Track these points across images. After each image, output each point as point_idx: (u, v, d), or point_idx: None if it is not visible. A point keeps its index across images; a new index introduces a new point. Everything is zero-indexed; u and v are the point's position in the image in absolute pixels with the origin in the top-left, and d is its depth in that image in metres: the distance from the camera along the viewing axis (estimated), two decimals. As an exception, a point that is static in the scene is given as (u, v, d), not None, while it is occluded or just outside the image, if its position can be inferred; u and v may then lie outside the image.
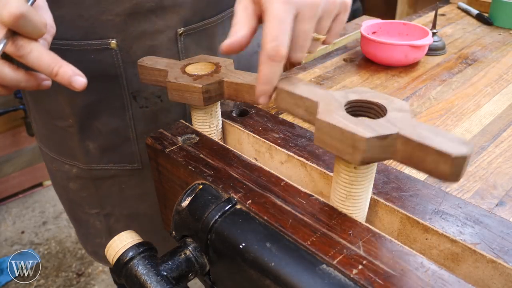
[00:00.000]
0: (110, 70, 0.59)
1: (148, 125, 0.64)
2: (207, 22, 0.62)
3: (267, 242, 0.34)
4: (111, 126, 0.64)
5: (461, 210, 0.37)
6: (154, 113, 0.64)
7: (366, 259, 0.31)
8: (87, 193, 0.71)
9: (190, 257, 0.40)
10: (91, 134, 0.64)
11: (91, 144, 0.65)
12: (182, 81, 0.45)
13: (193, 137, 0.48)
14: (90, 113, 0.63)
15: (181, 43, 0.60)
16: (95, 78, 0.58)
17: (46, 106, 0.65)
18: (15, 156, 1.94)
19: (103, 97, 0.61)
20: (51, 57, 0.39)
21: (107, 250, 0.41)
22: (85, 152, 0.66)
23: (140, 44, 0.58)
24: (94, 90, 0.60)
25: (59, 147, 0.69)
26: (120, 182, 0.69)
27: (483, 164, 0.46)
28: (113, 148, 0.66)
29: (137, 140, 0.65)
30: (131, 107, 0.62)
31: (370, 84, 0.65)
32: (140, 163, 0.67)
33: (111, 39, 0.57)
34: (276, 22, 0.34)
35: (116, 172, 0.68)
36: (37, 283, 1.59)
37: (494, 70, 0.69)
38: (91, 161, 0.67)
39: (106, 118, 0.63)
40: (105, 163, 0.67)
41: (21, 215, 1.91)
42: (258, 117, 0.53)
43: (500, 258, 0.33)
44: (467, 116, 0.56)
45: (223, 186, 0.40)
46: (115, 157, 0.66)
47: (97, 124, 0.64)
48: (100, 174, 0.68)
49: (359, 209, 0.36)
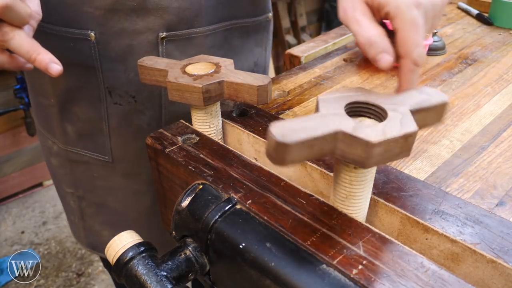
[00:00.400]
0: (88, 62, 0.60)
1: (120, 122, 0.65)
2: (195, 31, 0.61)
3: (267, 242, 0.34)
4: (87, 114, 0.65)
5: (461, 210, 0.37)
6: (127, 112, 0.64)
7: (366, 259, 0.31)
8: (64, 172, 0.74)
9: (190, 257, 0.40)
10: (70, 117, 0.67)
11: (69, 127, 0.68)
12: (182, 81, 0.45)
13: (193, 137, 0.48)
14: (70, 97, 0.65)
15: (162, 48, 0.60)
16: (74, 65, 0.61)
17: (34, 82, 0.69)
18: (15, 156, 1.94)
19: (82, 85, 0.63)
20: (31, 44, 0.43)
21: (107, 250, 0.41)
22: (64, 133, 0.69)
23: (119, 41, 0.59)
24: (74, 77, 0.62)
25: (43, 122, 0.73)
26: (92, 170, 0.71)
27: (483, 164, 0.46)
28: (88, 136, 0.68)
29: (110, 134, 0.66)
30: (106, 101, 0.63)
31: (370, 84, 0.65)
32: (110, 156, 0.68)
33: (90, 31, 0.58)
34: (416, 28, 0.34)
35: (89, 159, 0.70)
36: (37, 283, 1.59)
37: (494, 70, 0.69)
38: (68, 143, 0.70)
39: (84, 105, 0.65)
40: (81, 148, 0.69)
41: (21, 215, 1.91)
42: (258, 117, 0.53)
43: (500, 258, 0.33)
44: (467, 116, 0.56)
45: (223, 186, 0.40)
46: (89, 145, 0.68)
47: (76, 109, 0.66)
48: (75, 157, 0.70)
49: (359, 209, 0.36)
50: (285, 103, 0.60)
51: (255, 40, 0.74)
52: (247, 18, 0.69)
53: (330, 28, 2.55)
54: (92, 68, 0.61)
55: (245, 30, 0.70)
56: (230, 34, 0.67)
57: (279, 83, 0.66)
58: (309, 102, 0.60)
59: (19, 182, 1.98)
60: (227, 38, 0.67)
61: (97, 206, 0.74)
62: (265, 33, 0.76)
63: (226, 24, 0.65)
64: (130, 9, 0.56)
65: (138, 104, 0.64)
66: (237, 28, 0.68)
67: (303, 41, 2.46)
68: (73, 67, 0.61)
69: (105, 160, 0.69)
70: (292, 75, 0.68)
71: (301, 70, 0.70)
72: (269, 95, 0.46)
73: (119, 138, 0.66)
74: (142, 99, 0.63)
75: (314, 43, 0.83)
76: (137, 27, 0.58)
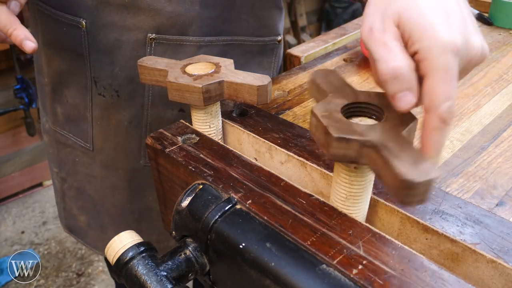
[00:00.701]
0: (78, 49, 0.62)
1: (103, 114, 0.66)
2: (187, 39, 0.60)
3: (267, 242, 0.34)
4: (75, 100, 0.67)
5: (461, 210, 0.37)
6: (109, 104, 0.65)
7: (366, 259, 0.31)
8: (52, 151, 0.76)
9: (190, 257, 0.40)
10: (60, 99, 0.69)
11: (59, 108, 0.70)
12: (182, 81, 0.45)
13: (193, 137, 0.48)
14: (61, 80, 0.67)
15: (150, 49, 0.60)
16: (67, 50, 0.63)
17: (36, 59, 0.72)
18: (15, 156, 1.94)
19: (72, 71, 0.65)
20: (9, 20, 0.45)
21: (107, 250, 0.41)
22: (54, 114, 0.71)
23: (107, 34, 0.59)
24: (66, 61, 0.64)
25: (41, 100, 0.75)
26: (75, 155, 0.72)
27: (483, 164, 0.46)
28: (73, 121, 0.69)
29: (92, 123, 0.67)
30: (91, 90, 0.64)
31: (370, 84, 0.65)
32: (91, 145, 0.69)
33: (82, 19, 0.59)
34: (448, 77, 0.28)
35: (73, 143, 0.71)
36: (37, 283, 1.59)
37: (494, 70, 0.69)
38: (57, 124, 0.71)
39: (73, 90, 0.66)
40: (67, 132, 0.71)
41: (21, 215, 1.91)
42: (258, 117, 0.53)
43: (500, 258, 0.33)
44: (467, 116, 0.56)
45: (223, 186, 0.40)
46: (74, 130, 0.70)
47: (66, 93, 0.67)
48: (61, 139, 0.72)
49: (359, 209, 0.36)
50: (285, 103, 0.60)
51: (260, 63, 0.71)
52: (250, 36, 0.66)
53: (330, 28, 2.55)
54: (82, 56, 0.62)
55: (248, 49, 0.68)
56: (231, 51, 0.66)
57: (279, 83, 0.66)
58: (309, 102, 0.60)
59: (19, 182, 1.98)
60: (226, 54, 0.65)
61: (76, 190, 0.76)
62: (273, 57, 0.72)
63: (225, 38, 0.63)
64: (121, 4, 0.57)
65: (120, 99, 0.64)
66: (238, 45, 0.66)
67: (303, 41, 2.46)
68: (65, 51, 0.63)
69: (87, 148, 0.70)
70: (292, 75, 0.68)
71: (301, 70, 0.70)
72: (269, 95, 0.46)
73: (100, 128, 0.67)
74: (125, 96, 0.63)
75: (314, 43, 0.83)
76: (126, 23, 0.58)
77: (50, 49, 0.65)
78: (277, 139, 0.48)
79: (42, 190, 2.05)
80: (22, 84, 1.79)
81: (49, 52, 0.65)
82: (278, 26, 0.71)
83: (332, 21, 2.79)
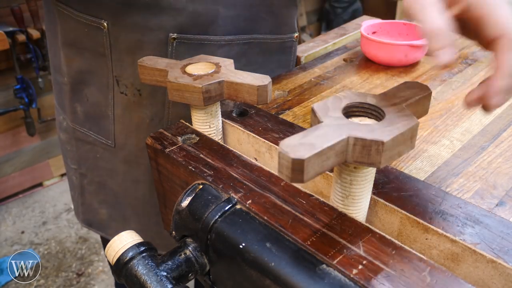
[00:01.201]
0: (100, 49, 0.62)
1: (125, 112, 0.66)
2: (208, 38, 0.61)
3: (267, 242, 0.34)
4: (96, 98, 0.67)
5: (461, 210, 0.37)
6: (131, 103, 0.65)
7: (366, 259, 0.31)
8: (70, 148, 0.76)
9: (190, 257, 0.40)
10: (80, 98, 0.68)
11: (78, 107, 0.69)
12: (182, 81, 0.45)
13: (193, 137, 0.48)
14: (82, 79, 0.67)
15: (172, 48, 0.60)
16: (88, 50, 0.63)
17: (53, 59, 0.72)
18: (15, 156, 1.94)
19: (94, 70, 0.65)
20: None
21: (107, 250, 0.41)
22: (73, 112, 0.71)
23: (129, 35, 0.59)
24: (87, 60, 0.64)
25: (58, 98, 0.75)
26: (96, 151, 0.72)
27: (483, 164, 0.46)
28: (94, 118, 0.69)
29: (114, 120, 0.67)
30: (113, 89, 0.65)
31: (370, 84, 0.65)
32: (113, 142, 0.69)
33: (103, 20, 0.59)
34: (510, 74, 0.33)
35: (93, 140, 0.71)
36: (37, 283, 1.59)
37: (494, 70, 0.69)
38: (76, 122, 0.71)
39: (94, 89, 0.66)
40: (87, 129, 0.71)
41: (21, 215, 1.91)
42: (258, 117, 0.53)
43: (500, 258, 0.33)
44: (467, 116, 0.56)
45: (223, 186, 0.40)
46: (95, 127, 0.70)
47: (86, 91, 0.67)
48: (81, 136, 0.72)
49: (359, 209, 0.36)
50: (285, 103, 0.60)
51: (279, 61, 0.72)
52: (269, 34, 0.67)
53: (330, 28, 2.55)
54: (103, 56, 0.62)
55: (267, 47, 0.68)
56: (250, 49, 0.66)
57: (279, 83, 0.66)
58: (309, 102, 0.60)
59: (19, 182, 1.98)
60: (246, 53, 0.66)
61: (97, 185, 0.76)
62: (291, 55, 0.73)
63: (245, 37, 0.64)
64: (144, 5, 0.57)
65: (142, 98, 0.64)
66: (257, 44, 0.66)
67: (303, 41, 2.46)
68: (86, 51, 0.63)
69: (108, 144, 0.70)
70: (292, 75, 0.68)
71: (301, 70, 0.70)
72: (269, 95, 0.46)
73: (122, 126, 0.67)
74: (147, 94, 0.64)
75: (314, 43, 0.83)
76: (148, 23, 0.58)
77: (70, 48, 0.65)
78: (277, 139, 0.48)
79: (42, 190, 2.06)
80: (22, 84, 1.80)
81: (69, 51, 0.65)
82: (295, 23, 0.72)
83: (332, 21, 2.79)
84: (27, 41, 1.72)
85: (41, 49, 1.79)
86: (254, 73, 0.46)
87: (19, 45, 1.73)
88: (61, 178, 2.12)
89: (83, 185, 0.78)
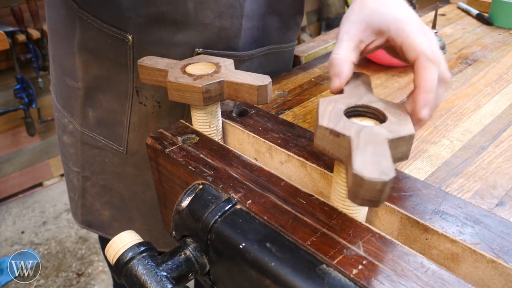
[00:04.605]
0: (122, 60, 0.61)
1: (141, 121, 0.66)
2: (232, 54, 0.61)
3: (267, 242, 0.34)
4: (111, 105, 0.66)
5: (461, 210, 0.37)
6: (149, 113, 0.65)
7: (366, 259, 0.31)
8: (74, 151, 0.75)
9: (190, 257, 0.40)
10: (93, 103, 0.68)
11: (90, 112, 0.69)
12: (182, 81, 0.45)
13: (193, 137, 0.48)
14: (98, 86, 0.66)
15: None
16: (109, 59, 0.62)
17: (63, 62, 0.70)
18: (15, 156, 1.94)
19: (113, 78, 0.64)
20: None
21: (107, 250, 0.41)
22: (83, 117, 0.70)
23: (154, 49, 0.59)
24: (106, 68, 0.63)
25: (64, 101, 0.74)
26: (104, 156, 0.72)
27: (483, 164, 0.46)
28: (107, 125, 0.68)
29: (129, 129, 0.67)
30: (132, 98, 0.64)
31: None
32: (125, 148, 0.69)
33: (129, 34, 0.58)
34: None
35: (103, 145, 0.71)
36: (37, 283, 1.59)
37: (494, 70, 0.69)
38: (86, 127, 0.70)
39: (110, 96, 0.66)
40: (97, 134, 0.70)
41: (21, 215, 1.91)
42: (258, 117, 0.53)
43: (500, 258, 0.33)
44: (467, 116, 0.56)
45: (223, 186, 0.40)
46: (106, 133, 0.69)
47: (101, 98, 0.67)
48: (89, 141, 0.71)
49: (359, 209, 0.36)
50: (285, 103, 0.60)
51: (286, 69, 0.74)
52: (282, 43, 0.69)
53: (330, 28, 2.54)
54: (125, 66, 0.62)
55: (280, 55, 0.70)
56: (267, 61, 0.67)
57: (279, 83, 0.66)
58: (309, 102, 0.60)
59: (19, 182, 1.98)
60: (262, 64, 0.67)
61: (102, 187, 0.76)
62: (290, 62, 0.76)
63: (263, 49, 0.65)
64: (172, 21, 0.56)
65: (161, 110, 0.64)
66: (273, 54, 0.68)
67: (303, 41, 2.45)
68: (107, 59, 0.63)
69: (119, 150, 0.70)
70: (292, 75, 0.68)
71: (301, 70, 0.70)
72: (269, 95, 0.46)
73: (137, 134, 0.67)
74: (166, 107, 0.64)
75: (314, 43, 0.83)
76: (175, 38, 0.58)
77: (88, 54, 0.64)
78: (277, 139, 0.48)
79: (42, 190, 2.06)
80: (22, 84, 1.80)
81: (87, 57, 0.64)
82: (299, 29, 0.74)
83: (332, 21, 2.79)
84: (27, 41, 1.72)
85: (41, 49, 1.79)
86: (254, 73, 0.46)
87: (19, 45, 1.73)
88: (61, 178, 2.12)
89: (85, 187, 0.78)
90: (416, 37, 0.39)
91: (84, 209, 0.80)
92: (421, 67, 0.38)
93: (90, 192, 0.78)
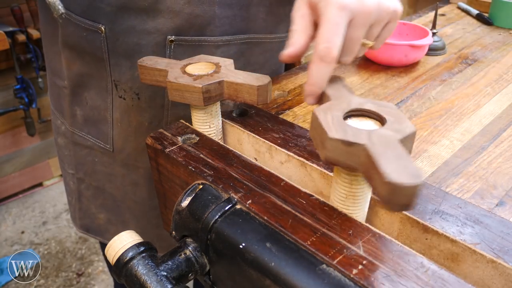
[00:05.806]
0: (98, 53, 0.62)
1: (123, 116, 0.66)
2: (205, 39, 0.60)
3: (267, 242, 0.34)
4: (95, 102, 0.67)
5: (461, 210, 0.37)
6: (130, 107, 0.65)
7: (366, 259, 0.31)
8: (68, 153, 0.76)
9: (190, 257, 0.40)
10: (79, 101, 0.69)
11: (78, 110, 0.70)
12: (182, 81, 0.45)
13: (193, 137, 0.48)
14: (82, 83, 0.67)
15: (170, 51, 0.60)
16: (87, 54, 0.63)
17: (51, 62, 0.72)
18: (15, 156, 1.94)
19: (93, 74, 0.65)
20: None
21: (107, 250, 0.41)
22: (72, 116, 0.71)
23: (127, 39, 0.59)
24: (87, 64, 0.64)
25: (56, 102, 0.75)
26: (94, 155, 0.72)
27: (483, 164, 0.46)
28: (93, 122, 0.69)
29: (113, 124, 0.67)
30: (112, 93, 0.65)
31: (370, 84, 0.65)
32: (111, 146, 0.69)
33: (101, 25, 0.59)
34: (330, 25, 0.37)
35: (92, 144, 0.71)
36: (37, 283, 1.59)
37: (494, 70, 0.69)
38: (75, 126, 0.71)
39: (93, 93, 0.66)
40: (86, 133, 0.71)
41: (21, 215, 1.91)
42: (258, 117, 0.53)
43: (500, 258, 0.33)
44: (467, 116, 0.56)
45: (223, 186, 0.40)
46: (93, 131, 0.70)
47: (86, 95, 0.67)
48: (80, 140, 0.72)
49: (359, 209, 0.36)
50: (285, 103, 0.60)
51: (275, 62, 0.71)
52: (268, 33, 0.67)
53: (330, 28, 2.52)
54: (102, 60, 0.62)
55: (267, 47, 0.68)
56: (249, 49, 0.66)
57: (279, 83, 0.66)
58: (309, 102, 0.60)
59: (19, 182, 1.98)
60: (244, 53, 0.65)
61: (95, 189, 0.76)
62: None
63: (242, 37, 0.64)
64: (141, 8, 0.57)
65: (141, 101, 0.64)
66: (256, 44, 0.66)
67: (303, 41, 2.44)
68: (86, 55, 0.63)
69: (106, 148, 0.70)
70: (292, 75, 0.68)
71: (301, 70, 0.70)
72: (269, 95, 0.46)
73: (121, 130, 0.67)
74: (145, 98, 0.64)
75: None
76: (146, 27, 0.58)
77: (71, 52, 0.65)
78: (277, 139, 0.48)
79: (42, 190, 2.06)
80: (22, 84, 1.80)
81: (70, 55, 0.65)
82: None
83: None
84: (27, 41, 1.72)
85: (41, 49, 1.78)
86: (254, 73, 0.46)
87: (19, 45, 1.73)
88: (61, 178, 2.12)
89: (80, 190, 0.78)
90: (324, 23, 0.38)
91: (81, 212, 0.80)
92: (311, 61, 0.39)
93: (85, 195, 0.78)
